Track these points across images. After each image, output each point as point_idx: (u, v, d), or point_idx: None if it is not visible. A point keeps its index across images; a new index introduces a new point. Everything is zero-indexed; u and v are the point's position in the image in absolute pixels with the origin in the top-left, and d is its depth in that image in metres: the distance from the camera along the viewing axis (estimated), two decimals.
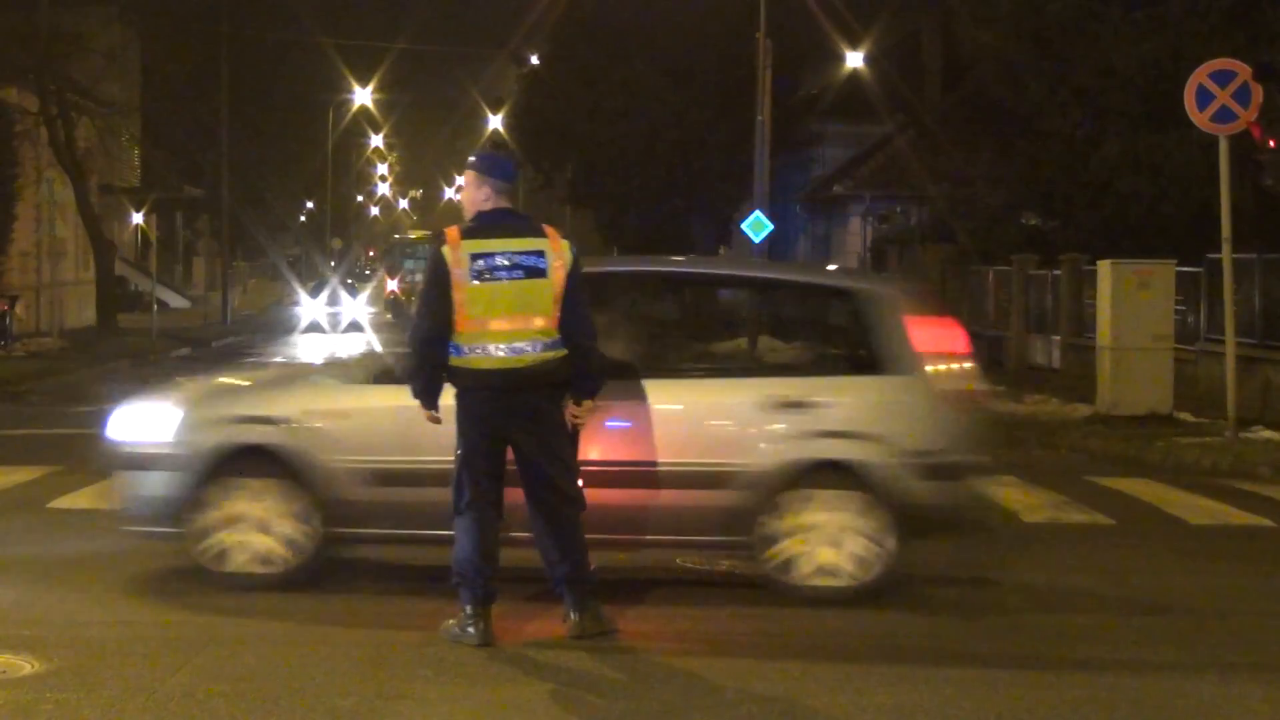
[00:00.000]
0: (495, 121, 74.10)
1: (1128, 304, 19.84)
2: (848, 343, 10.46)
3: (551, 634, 8.52)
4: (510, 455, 8.51)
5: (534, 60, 53.54)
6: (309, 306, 56.66)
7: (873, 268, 43.04)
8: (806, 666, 8.08)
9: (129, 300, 50.96)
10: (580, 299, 8.40)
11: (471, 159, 8.73)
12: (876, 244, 43.42)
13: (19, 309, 37.71)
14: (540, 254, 8.29)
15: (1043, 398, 23.12)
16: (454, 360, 8.33)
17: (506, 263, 8.23)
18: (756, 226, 37.00)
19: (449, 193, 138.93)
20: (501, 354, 8.24)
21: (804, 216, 50.28)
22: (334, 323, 52.00)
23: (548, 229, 8.43)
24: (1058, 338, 29.48)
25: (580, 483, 8.59)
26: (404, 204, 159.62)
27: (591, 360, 8.47)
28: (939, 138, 37.24)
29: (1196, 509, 13.85)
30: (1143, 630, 9.12)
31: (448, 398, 8.47)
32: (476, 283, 8.21)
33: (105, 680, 7.58)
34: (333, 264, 67.27)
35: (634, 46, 44.90)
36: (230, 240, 58.89)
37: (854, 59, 45.04)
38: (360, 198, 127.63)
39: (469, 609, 8.35)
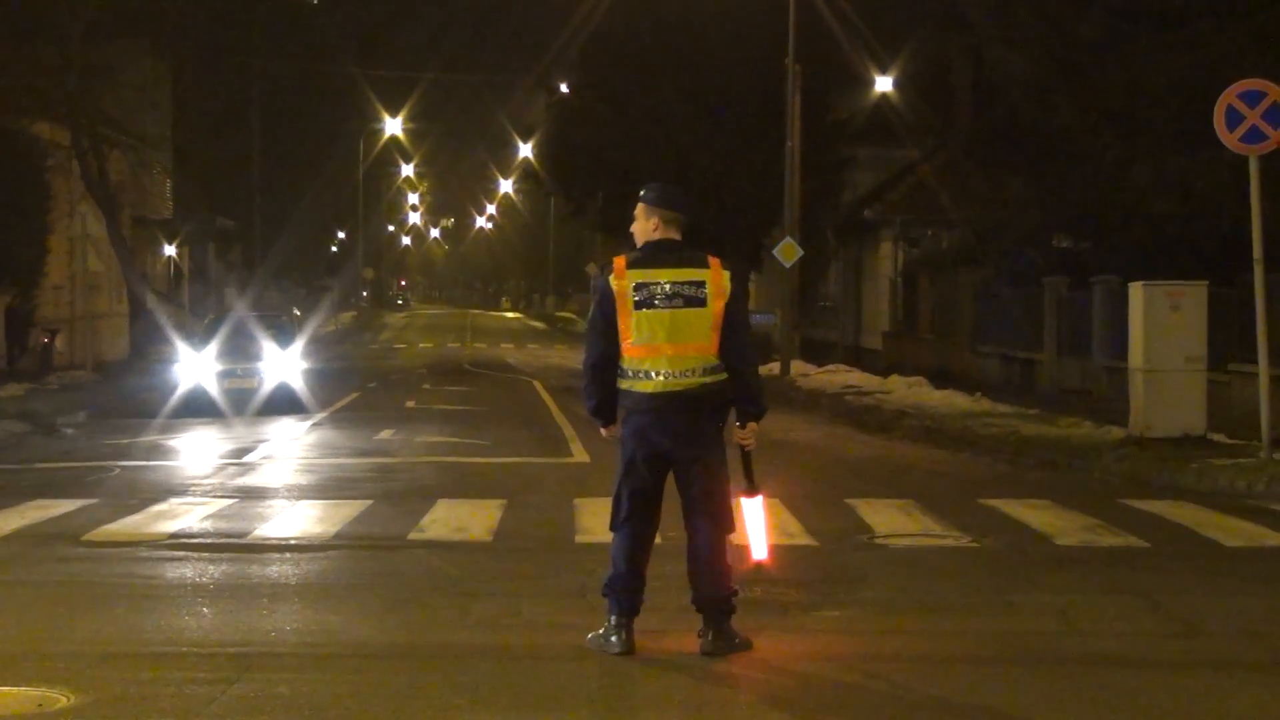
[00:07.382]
0: (526, 150, 74.42)
1: (1160, 325, 19.76)
2: None
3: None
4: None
5: (563, 88, 53.73)
6: (190, 362, 29.01)
7: (904, 292, 43.02)
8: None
9: (162, 332, 51.03)
10: (739, 326, 8.75)
11: (643, 192, 9.08)
12: (908, 268, 43.40)
13: (58, 342, 37.94)
14: (700, 284, 8.63)
15: (1076, 420, 23.04)
16: (621, 383, 8.72)
17: (668, 291, 8.59)
18: (788, 252, 37.07)
19: (480, 221, 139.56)
20: (662, 378, 8.59)
21: (835, 242, 50.29)
22: (240, 394, 28.04)
23: (711, 260, 8.75)
24: (1090, 360, 29.42)
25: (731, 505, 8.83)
26: (435, 233, 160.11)
27: (752, 385, 8.78)
28: (969, 161, 37.23)
29: (1231, 531, 13.77)
30: (1178, 652, 9.09)
31: None
32: (640, 310, 8.57)
33: (140, 713, 7.60)
34: (242, 287, 46.67)
35: (663, 74, 45.02)
36: (262, 271, 59.13)
37: (883, 83, 45.14)
38: (391, 227, 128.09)
39: (614, 619, 8.74)
